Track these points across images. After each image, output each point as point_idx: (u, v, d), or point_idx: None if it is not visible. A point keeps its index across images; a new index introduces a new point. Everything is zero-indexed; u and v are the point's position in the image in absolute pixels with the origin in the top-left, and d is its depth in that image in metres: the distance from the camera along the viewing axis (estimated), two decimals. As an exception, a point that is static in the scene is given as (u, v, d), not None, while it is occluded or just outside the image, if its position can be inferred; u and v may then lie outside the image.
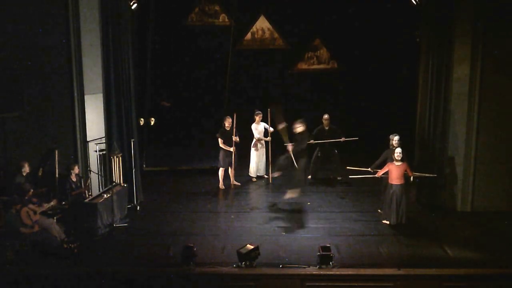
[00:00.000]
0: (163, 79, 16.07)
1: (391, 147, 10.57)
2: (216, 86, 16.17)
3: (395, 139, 10.42)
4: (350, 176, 11.42)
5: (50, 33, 10.65)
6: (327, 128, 12.53)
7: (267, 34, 16.28)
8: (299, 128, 10.88)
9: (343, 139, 12.27)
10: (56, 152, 10.63)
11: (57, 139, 10.88)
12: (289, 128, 11.17)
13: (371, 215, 10.83)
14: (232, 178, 12.53)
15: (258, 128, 12.82)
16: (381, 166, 10.50)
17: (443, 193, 11.34)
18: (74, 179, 10.46)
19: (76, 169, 10.53)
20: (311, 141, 12.49)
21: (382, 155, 10.77)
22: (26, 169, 10.08)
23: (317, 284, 8.23)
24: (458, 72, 10.89)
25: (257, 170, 13.05)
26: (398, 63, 14.96)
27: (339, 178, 12.76)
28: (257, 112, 12.84)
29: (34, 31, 10.56)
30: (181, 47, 16.12)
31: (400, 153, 10.11)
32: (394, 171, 10.17)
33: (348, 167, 11.32)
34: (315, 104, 15.89)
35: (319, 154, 12.77)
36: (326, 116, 12.64)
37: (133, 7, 11.64)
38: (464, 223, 10.57)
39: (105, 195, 10.38)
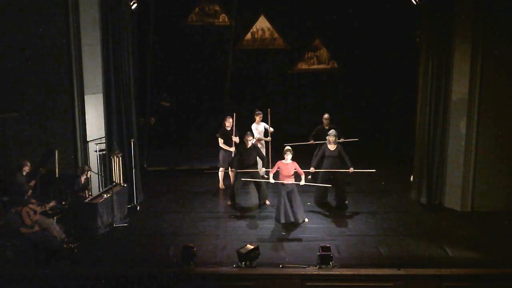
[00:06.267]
0: (163, 79, 16.07)
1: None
2: (216, 86, 16.18)
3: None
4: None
5: (50, 33, 10.65)
6: (326, 127, 12.50)
7: (267, 34, 16.29)
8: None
9: (342, 139, 12.24)
10: (56, 152, 10.64)
11: (57, 139, 10.88)
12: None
13: (371, 215, 10.83)
14: (232, 178, 12.51)
15: (258, 128, 12.79)
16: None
17: (443, 193, 11.35)
18: (82, 181, 10.47)
19: (89, 173, 10.55)
20: (311, 141, 12.49)
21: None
22: (26, 168, 10.10)
23: (317, 284, 8.22)
24: (458, 72, 10.89)
25: (257, 170, 13.03)
26: (398, 63, 14.95)
27: None
28: (257, 112, 12.82)
29: (34, 31, 10.57)
30: (181, 47, 16.12)
31: (289, 151, 10.54)
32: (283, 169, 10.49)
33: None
34: (315, 104, 15.89)
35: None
36: (326, 115, 12.62)
37: (133, 7, 11.64)
38: (464, 223, 10.57)
39: (105, 195, 10.38)
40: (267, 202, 11.43)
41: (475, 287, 8.24)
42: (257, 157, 11.60)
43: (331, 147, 11.22)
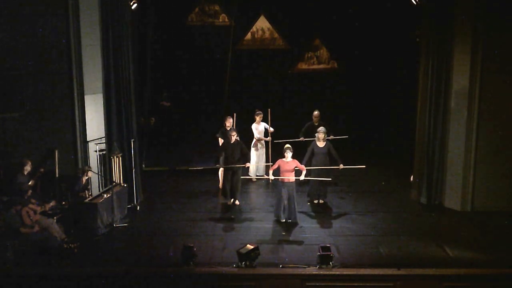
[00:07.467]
0: (163, 79, 16.07)
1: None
2: (216, 86, 16.17)
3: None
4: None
5: (50, 33, 10.65)
6: (316, 124, 12.47)
7: (267, 34, 16.28)
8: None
9: (331, 136, 12.18)
10: (56, 152, 10.64)
11: (57, 139, 10.88)
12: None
13: (371, 215, 10.83)
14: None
15: (258, 128, 12.81)
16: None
17: (443, 193, 11.35)
18: (83, 182, 10.47)
19: (90, 174, 10.56)
20: (302, 139, 12.46)
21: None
22: (28, 167, 10.10)
23: (317, 284, 8.23)
24: (458, 71, 10.90)
25: (257, 170, 13.03)
26: (398, 63, 14.94)
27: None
28: (257, 112, 12.83)
29: (34, 31, 10.57)
30: (181, 47, 16.12)
31: (289, 149, 10.53)
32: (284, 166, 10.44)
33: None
34: (315, 104, 15.86)
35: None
36: (316, 112, 12.66)
37: (133, 7, 11.64)
38: (464, 223, 10.57)
39: (105, 195, 10.38)
40: (237, 202, 11.40)
41: (475, 287, 8.25)
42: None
43: (320, 144, 11.22)
